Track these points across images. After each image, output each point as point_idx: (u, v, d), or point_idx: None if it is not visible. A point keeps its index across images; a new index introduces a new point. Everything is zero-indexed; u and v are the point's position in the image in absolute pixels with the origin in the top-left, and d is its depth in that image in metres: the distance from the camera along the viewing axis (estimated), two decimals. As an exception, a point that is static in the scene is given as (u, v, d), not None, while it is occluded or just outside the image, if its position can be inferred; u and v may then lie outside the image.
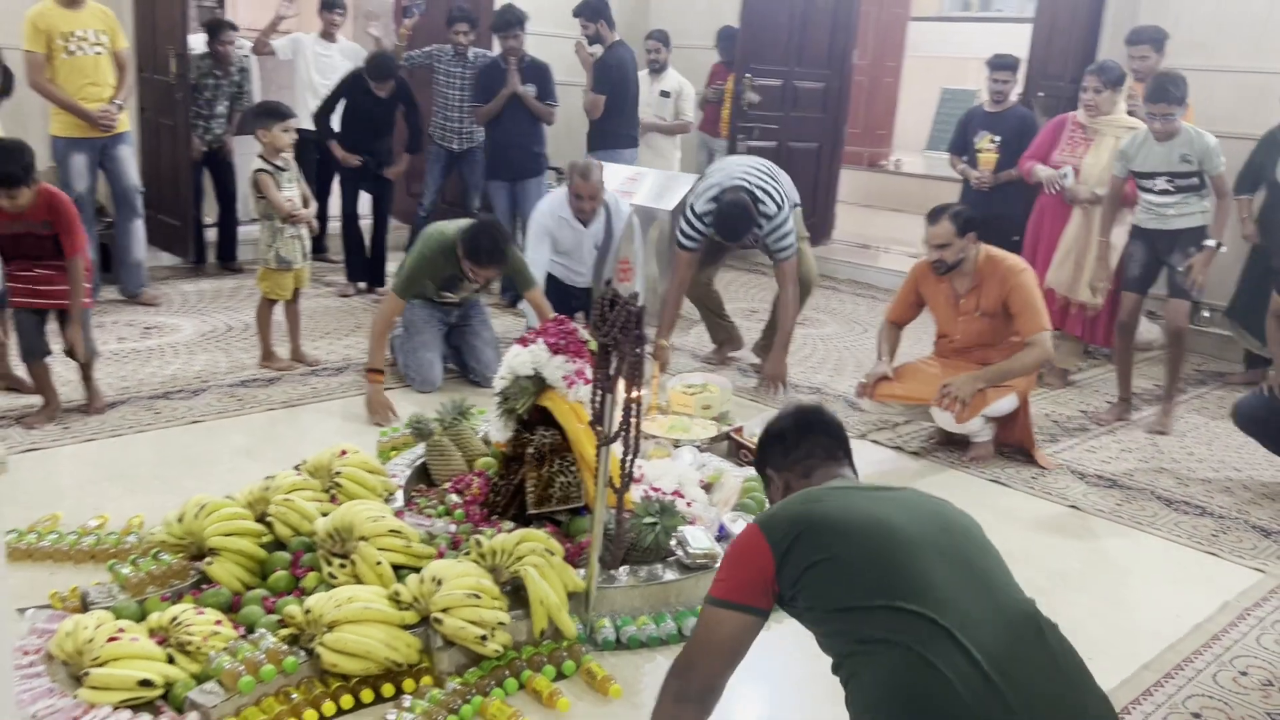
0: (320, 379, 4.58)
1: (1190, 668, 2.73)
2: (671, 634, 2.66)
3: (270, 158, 4.57)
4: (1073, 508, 3.74)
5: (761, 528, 1.78)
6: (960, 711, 1.52)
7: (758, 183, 4.60)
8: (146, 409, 4.07)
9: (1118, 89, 4.90)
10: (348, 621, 2.37)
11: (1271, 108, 5.89)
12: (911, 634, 1.58)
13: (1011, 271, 4.00)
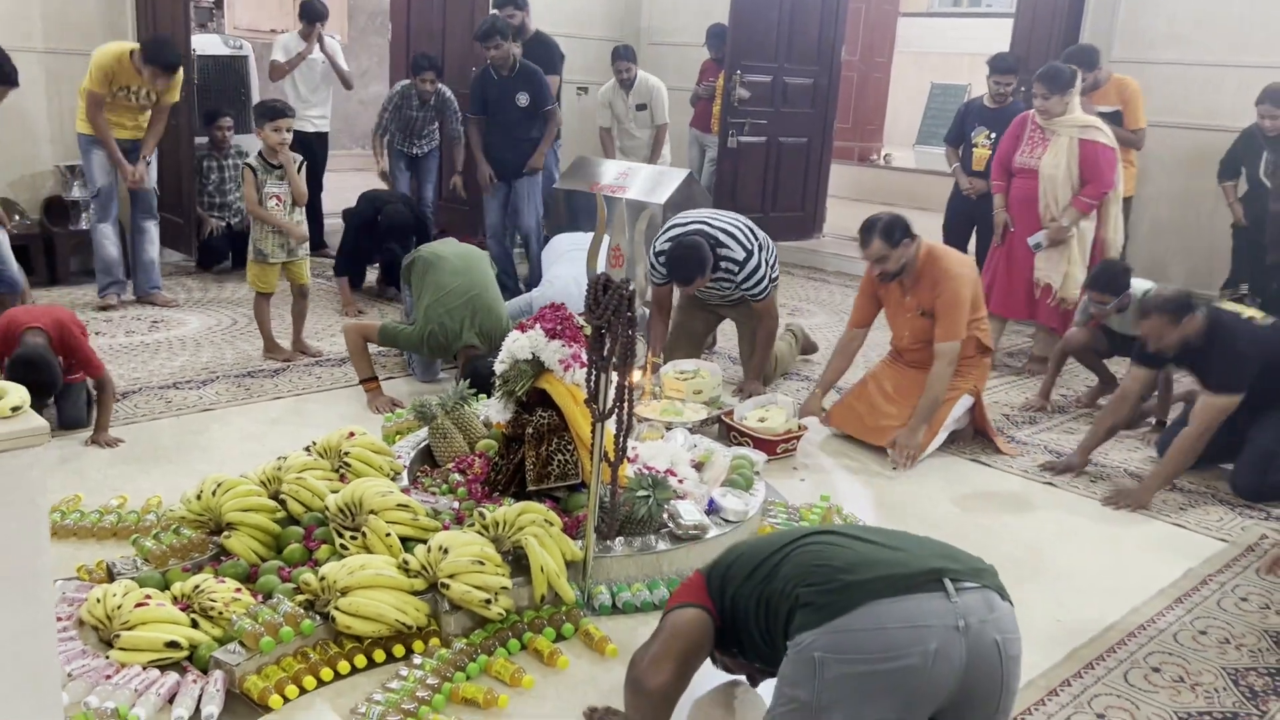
0: (325, 369, 4.75)
1: (1153, 627, 2.91)
2: (663, 600, 2.82)
3: (268, 155, 4.71)
4: (1048, 485, 3.92)
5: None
6: (852, 563, 1.85)
7: (722, 226, 4.55)
8: (158, 398, 4.23)
9: (1067, 91, 4.99)
10: (360, 587, 2.54)
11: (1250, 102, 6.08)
12: (799, 546, 1.97)
13: (944, 275, 4.05)
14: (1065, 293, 5.14)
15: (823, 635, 1.77)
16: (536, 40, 6.52)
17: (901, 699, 1.73)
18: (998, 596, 1.83)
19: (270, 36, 10.32)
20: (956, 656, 1.73)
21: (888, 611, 1.75)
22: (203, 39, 7.21)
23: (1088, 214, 5.03)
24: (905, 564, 1.83)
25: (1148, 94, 6.46)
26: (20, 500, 1.86)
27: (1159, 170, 6.53)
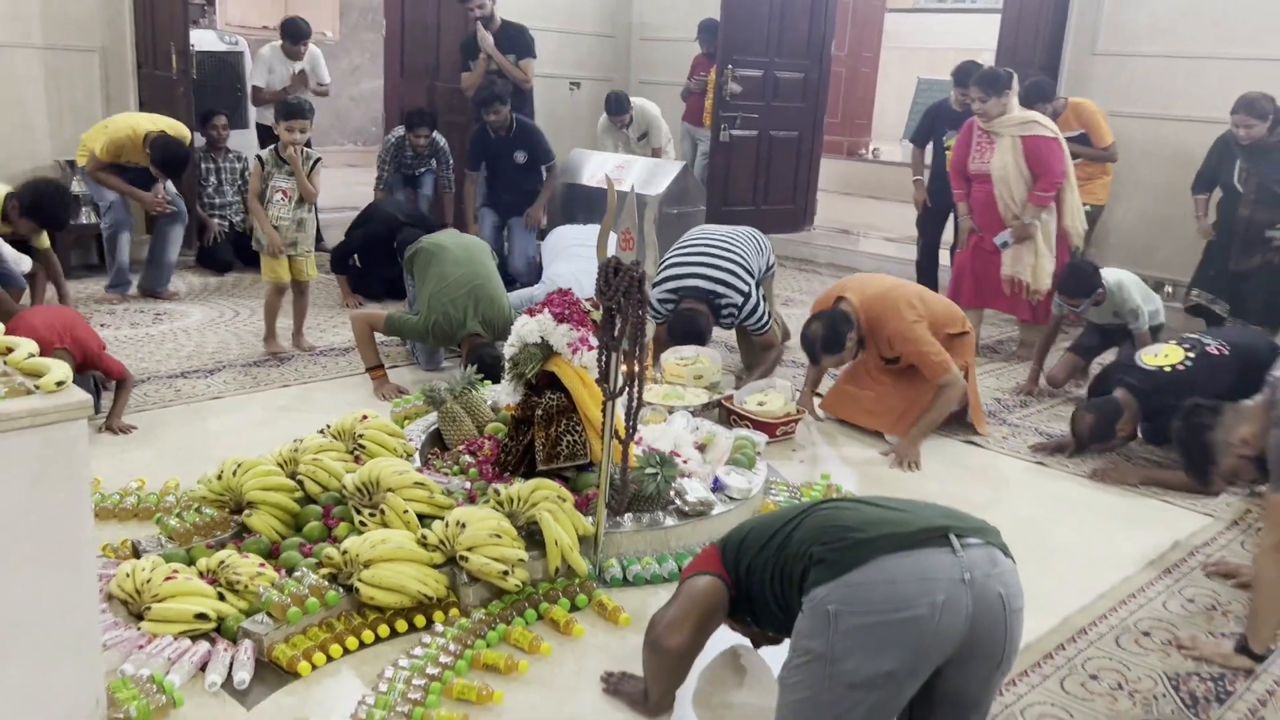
0: (329, 358, 4.84)
1: (1143, 595, 3.03)
2: (673, 572, 2.93)
3: (281, 150, 4.78)
4: (1039, 464, 4.04)
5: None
6: (862, 522, 1.97)
7: (720, 275, 4.50)
8: (167, 387, 4.31)
9: (1003, 94, 5.09)
10: (382, 560, 2.63)
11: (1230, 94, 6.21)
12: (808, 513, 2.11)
13: (880, 324, 4.07)
14: (1037, 284, 5.24)
15: (836, 589, 1.88)
16: (505, 29, 6.65)
17: (911, 649, 1.84)
18: (1000, 553, 1.94)
19: (262, 33, 10.40)
20: (963, 608, 1.84)
21: (897, 565, 1.86)
22: (199, 35, 7.27)
23: (1047, 206, 5.15)
24: (912, 522, 1.94)
25: (1132, 85, 6.62)
26: (67, 470, 1.95)
27: (1143, 161, 6.66)
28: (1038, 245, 5.20)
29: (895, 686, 1.85)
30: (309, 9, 10.81)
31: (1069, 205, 5.25)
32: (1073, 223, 5.28)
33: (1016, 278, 5.25)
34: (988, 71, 5.26)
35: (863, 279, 4.37)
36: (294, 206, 4.78)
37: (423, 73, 7.84)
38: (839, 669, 1.86)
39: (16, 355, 2.07)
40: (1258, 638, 2.66)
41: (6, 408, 1.87)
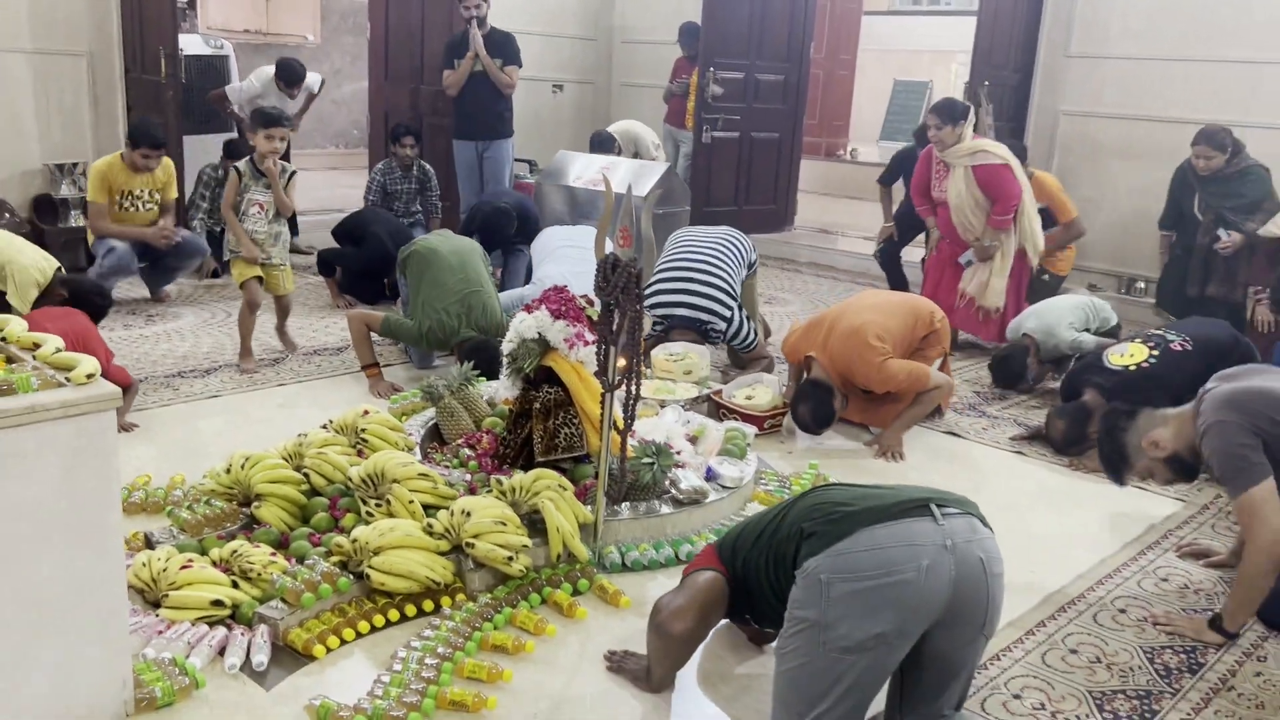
0: (324, 357, 4.92)
1: (1119, 575, 3.17)
2: (669, 558, 3.05)
3: (257, 161, 4.72)
4: (1018, 453, 4.19)
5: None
6: (849, 498, 2.13)
7: (704, 301, 4.64)
8: (165, 386, 4.38)
9: (959, 124, 5.24)
10: (392, 547, 2.73)
11: (1200, 94, 6.42)
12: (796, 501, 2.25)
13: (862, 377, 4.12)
14: (985, 302, 5.38)
15: (826, 559, 2.02)
16: (494, 35, 6.76)
17: (900, 612, 1.97)
18: (979, 522, 2.09)
19: (243, 36, 10.46)
20: (946, 571, 1.97)
21: (884, 534, 2.01)
22: (184, 39, 7.30)
23: (1006, 229, 5.30)
24: (896, 495, 2.11)
25: (1105, 87, 6.79)
26: (97, 459, 2.05)
27: (1116, 161, 6.84)
28: (993, 264, 5.36)
29: (886, 649, 1.98)
30: (290, 12, 10.89)
31: (1024, 230, 5.37)
32: (1030, 243, 5.39)
33: (969, 295, 5.40)
34: (945, 101, 5.42)
35: (824, 322, 4.27)
36: (270, 220, 4.74)
37: (407, 76, 7.92)
38: (832, 634, 1.98)
39: (45, 350, 2.16)
40: (1234, 619, 2.79)
41: (41, 399, 1.96)
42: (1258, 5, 6.14)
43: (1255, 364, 3.10)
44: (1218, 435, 2.75)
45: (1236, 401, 2.77)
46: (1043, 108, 7.05)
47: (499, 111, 6.82)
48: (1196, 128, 6.40)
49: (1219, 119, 6.30)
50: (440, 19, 7.59)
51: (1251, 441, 2.70)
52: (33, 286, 4.12)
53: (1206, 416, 2.80)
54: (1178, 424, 2.92)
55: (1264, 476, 2.67)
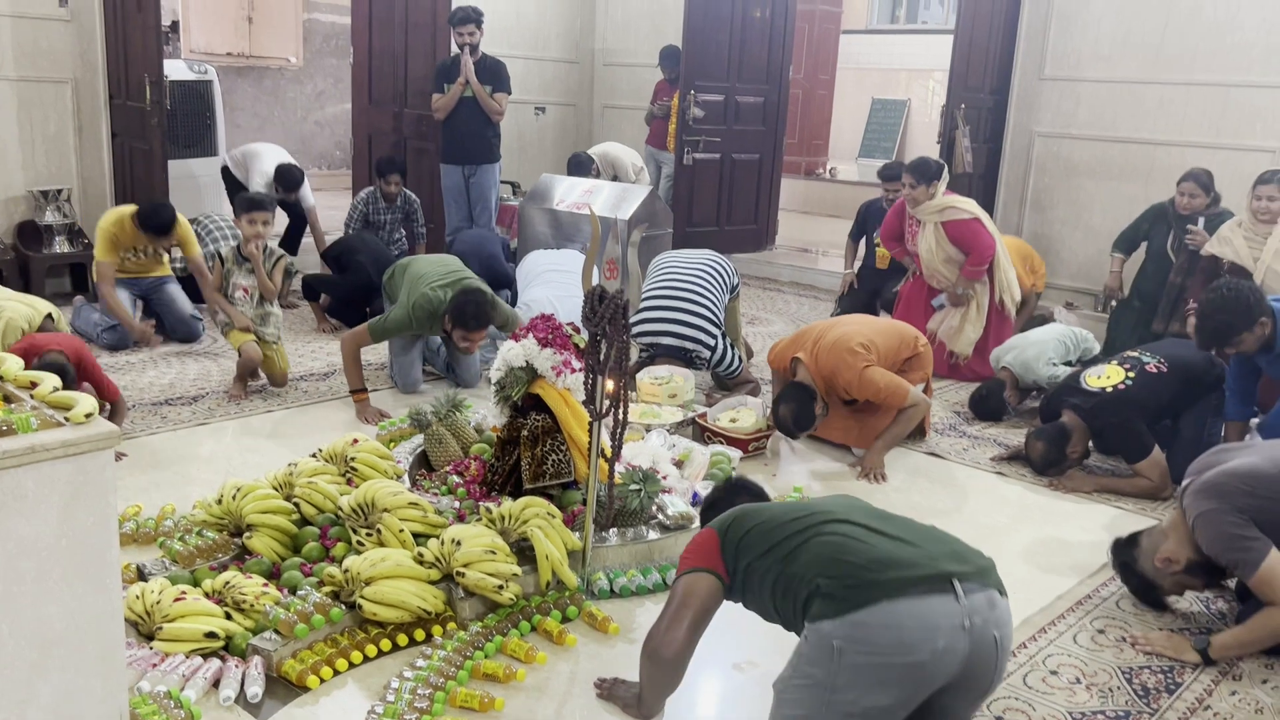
0: (309, 383, 4.94)
1: (1097, 596, 3.23)
2: (657, 584, 3.09)
3: (242, 247, 4.75)
4: (998, 474, 4.25)
5: (706, 522, 2.43)
6: (870, 560, 2.05)
7: (690, 331, 4.72)
8: (153, 414, 4.39)
9: (933, 183, 5.36)
10: (383, 577, 2.76)
11: (1170, 117, 6.54)
12: (816, 534, 2.15)
13: (845, 381, 4.18)
14: (954, 347, 5.48)
15: (841, 625, 1.99)
16: (485, 62, 6.82)
17: (907, 687, 1.98)
18: (997, 593, 2.07)
19: (226, 59, 10.49)
20: (960, 651, 1.98)
21: (904, 610, 1.96)
22: (168, 65, 7.32)
23: (979, 279, 5.41)
24: (919, 564, 2.03)
25: (1079, 109, 6.91)
26: (96, 497, 2.07)
27: (1089, 181, 6.95)
28: (968, 313, 5.45)
29: (888, 715, 2.00)
30: (273, 35, 10.93)
31: (1000, 281, 5.47)
32: (1008, 296, 5.49)
33: (937, 336, 5.49)
34: (921, 160, 5.53)
35: (814, 331, 4.40)
36: (255, 304, 4.74)
37: (390, 100, 7.96)
38: (838, 698, 1.99)
39: (42, 389, 2.19)
40: (1224, 653, 2.84)
41: (41, 439, 1.99)
42: (1225, 30, 6.27)
43: (1220, 445, 3.19)
44: (1207, 527, 2.83)
45: (1211, 490, 2.84)
46: (1018, 129, 7.16)
47: (487, 137, 6.89)
48: (1167, 149, 6.55)
49: (1188, 140, 6.45)
50: (423, 44, 7.64)
51: (1240, 520, 2.77)
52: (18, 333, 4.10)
53: (1190, 515, 2.87)
54: (1176, 532, 2.98)
55: (1268, 549, 2.74)
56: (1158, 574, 3.01)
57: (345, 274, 6.05)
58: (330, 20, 11.39)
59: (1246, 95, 6.24)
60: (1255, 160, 6.20)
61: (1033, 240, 6.98)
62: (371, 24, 8.03)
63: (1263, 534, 2.76)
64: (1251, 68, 6.20)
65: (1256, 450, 2.99)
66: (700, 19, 7.75)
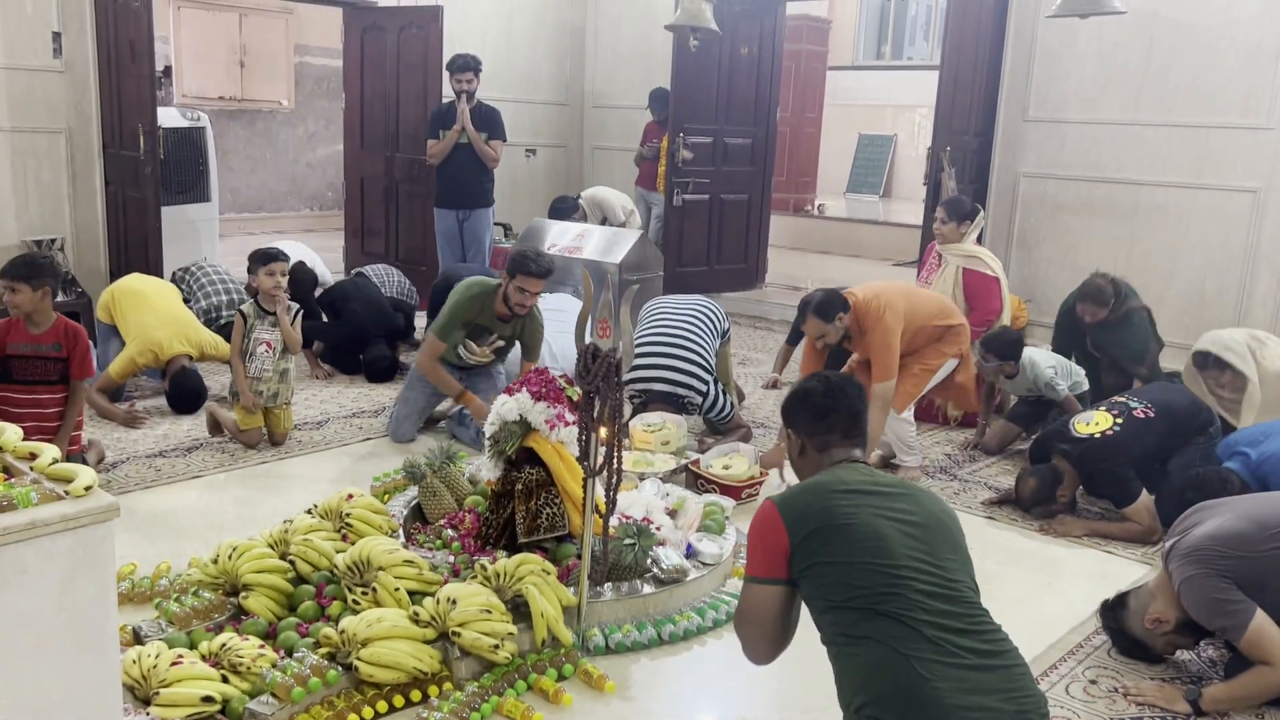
0: (304, 432, 4.95)
1: (1089, 645, 3.25)
2: (652, 639, 3.10)
3: (263, 301, 4.72)
4: (989, 519, 4.28)
5: (780, 510, 2.21)
6: (929, 690, 1.99)
7: (681, 377, 4.79)
8: (147, 467, 4.40)
9: (965, 222, 5.47)
10: (379, 638, 2.77)
11: (1152, 157, 6.64)
12: (886, 632, 2.06)
13: (864, 327, 4.41)
14: (951, 411, 5.49)
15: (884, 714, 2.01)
16: (481, 109, 6.89)
17: None
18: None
19: (219, 104, 10.57)
20: None
21: None
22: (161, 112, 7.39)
23: (974, 340, 5.25)
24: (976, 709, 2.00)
25: (1063, 150, 7.01)
26: (95, 570, 2.10)
27: (1075, 220, 7.03)
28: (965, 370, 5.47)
29: None
30: (264, 79, 11.02)
31: None
32: None
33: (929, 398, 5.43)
34: (957, 199, 5.74)
35: (866, 285, 4.64)
36: (278, 358, 4.72)
37: (382, 144, 8.04)
38: None
39: (42, 461, 2.21)
40: (1215, 705, 2.85)
41: (42, 514, 2.00)
42: (1204, 73, 6.37)
43: (1200, 502, 3.18)
44: (1191, 593, 2.87)
45: (1193, 556, 2.88)
46: (1003, 169, 7.24)
47: (481, 182, 6.95)
48: (1150, 189, 6.63)
49: (1170, 180, 6.54)
50: (414, 89, 7.73)
51: (1223, 584, 2.81)
52: None
53: (1176, 579, 2.92)
54: (1163, 593, 3.01)
55: (1253, 611, 2.78)
56: (1148, 635, 3.04)
57: (339, 320, 6.09)
58: (322, 63, 11.50)
59: (1227, 136, 6.33)
60: (1238, 201, 6.31)
61: (1019, 279, 7.06)
62: (364, 68, 8.14)
63: (1247, 596, 2.79)
64: (1230, 109, 6.31)
65: (1235, 507, 3.02)
66: (688, 61, 7.85)
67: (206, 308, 5.93)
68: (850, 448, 2.38)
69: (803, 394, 2.45)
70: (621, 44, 9.29)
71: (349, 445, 4.83)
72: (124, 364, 5.05)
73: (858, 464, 2.36)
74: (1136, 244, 6.73)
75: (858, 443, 2.40)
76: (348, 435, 4.95)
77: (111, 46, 6.29)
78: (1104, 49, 6.74)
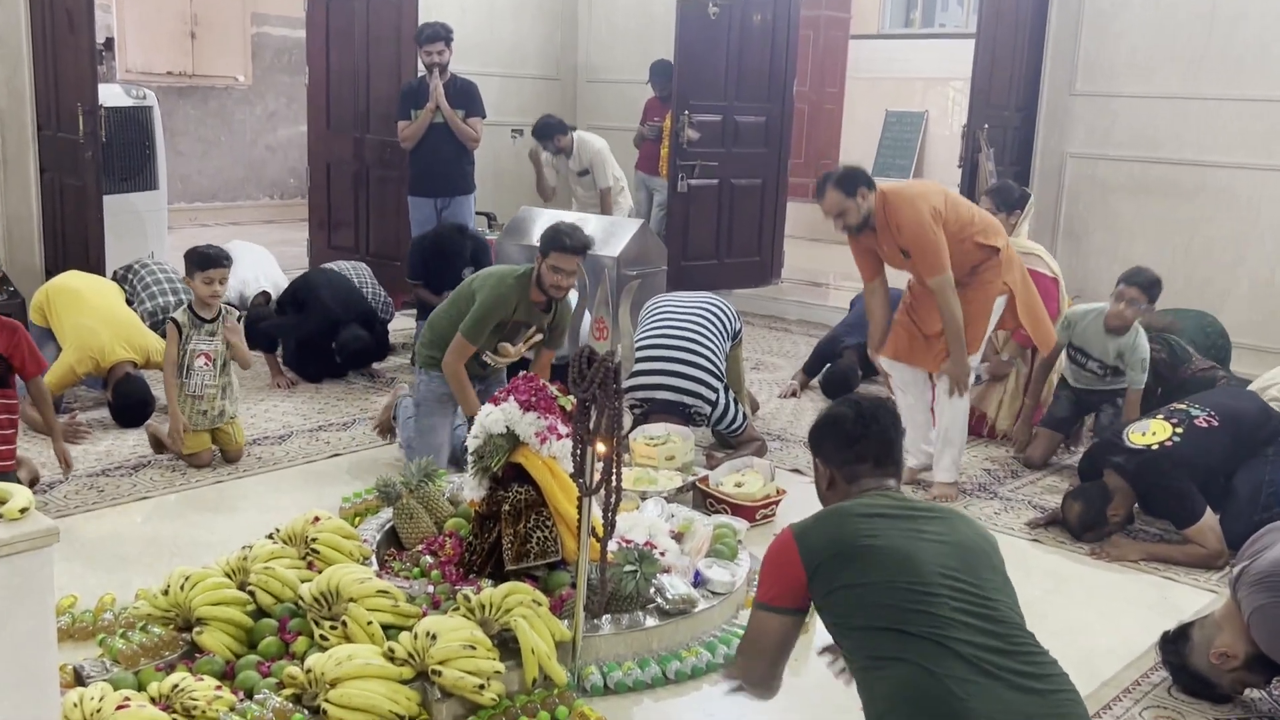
0: (263, 448, 4.97)
1: (1146, 682, 3.26)
2: (656, 677, 3.11)
3: (198, 308, 4.70)
4: (1034, 541, 4.30)
5: (796, 540, 2.30)
6: (963, 711, 2.03)
7: (685, 385, 4.80)
8: (89, 487, 4.42)
9: (1015, 212, 5.43)
10: (350, 678, 2.78)
11: (1217, 134, 6.65)
12: (917, 652, 2.10)
13: (895, 211, 4.43)
14: (1001, 424, 5.53)
15: None
16: (455, 83, 6.90)
17: None
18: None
19: (167, 80, 10.61)
20: None
21: None
22: (103, 89, 7.41)
23: (1029, 347, 5.38)
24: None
25: (1115, 127, 7.02)
26: (33, 599, 2.12)
27: (1129, 205, 7.04)
28: (1009, 386, 5.50)
29: None
30: (218, 52, 11.07)
31: None
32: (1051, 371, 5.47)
33: (980, 411, 5.52)
34: (1003, 185, 5.72)
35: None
36: (219, 371, 4.72)
37: (351, 124, 8.06)
38: None
39: (-29, 481, 2.22)
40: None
41: (-29, 540, 2.02)
42: (1273, 39, 6.37)
43: (1273, 523, 3.20)
44: (1264, 623, 2.89)
45: (1266, 582, 2.90)
46: (1048, 150, 7.27)
47: (461, 166, 6.96)
48: (1214, 170, 6.63)
49: (1237, 160, 6.56)
50: (386, 62, 7.74)
51: None
52: None
53: (1245, 609, 2.93)
54: (1231, 624, 3.03)
55: None
56: (1214, 671, 3.04)
57: (304, 312, 6.10)
58: (282, 34, 11.54)
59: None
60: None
61: (1067, 273, 7.04)
62: (329, 39, 8.15)
63: None
64: (1304, 80, 6.33)
65: None
66: (694, 30, 7.88)
67: (152, 309, 5.95)
68: (883, 478, 2.44)
69: (831, 420, 2.51)
70: (618, 11, 9.32)
71: (315, 462, 4.85)
72: (62, 372, 5.06)
73: (889, 491, 2.42)
74: (1198, 232, 6.74)
75: (891, 472, 2.45)
76: (313, 451, 4.97)
77: (47, 16, 6.31)
78: (1160, 13, 6.76)
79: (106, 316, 5.26)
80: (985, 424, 5.55)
